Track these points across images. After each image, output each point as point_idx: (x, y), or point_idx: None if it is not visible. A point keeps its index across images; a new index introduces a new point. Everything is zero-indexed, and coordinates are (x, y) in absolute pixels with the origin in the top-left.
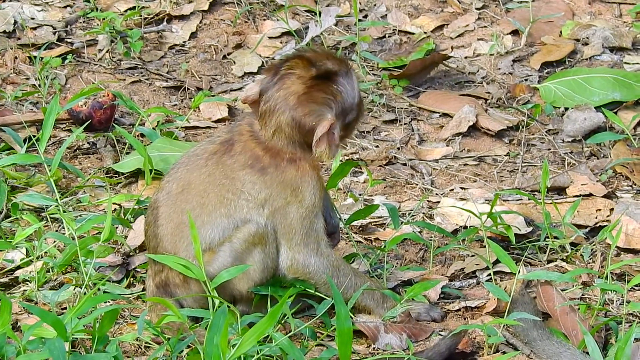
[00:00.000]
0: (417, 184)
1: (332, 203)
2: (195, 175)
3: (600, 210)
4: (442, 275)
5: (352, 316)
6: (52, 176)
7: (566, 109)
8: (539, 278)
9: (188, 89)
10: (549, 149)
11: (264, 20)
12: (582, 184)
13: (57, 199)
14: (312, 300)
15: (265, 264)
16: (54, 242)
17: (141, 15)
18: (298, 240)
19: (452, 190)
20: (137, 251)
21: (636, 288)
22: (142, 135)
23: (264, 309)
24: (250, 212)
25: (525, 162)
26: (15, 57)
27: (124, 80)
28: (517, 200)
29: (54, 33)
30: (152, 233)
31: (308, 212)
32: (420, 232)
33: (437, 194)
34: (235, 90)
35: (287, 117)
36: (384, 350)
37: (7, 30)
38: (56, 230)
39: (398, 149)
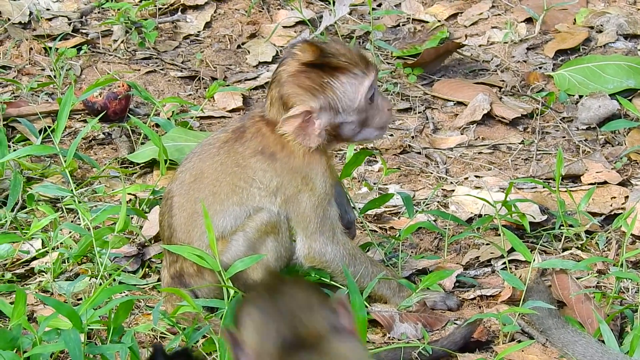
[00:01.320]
0: (431, 173)
1: (347, 197)
2: (208, 165)
3: (615, 197)
4: (457, 264)
5: (367, 305)
6: (68, 167)
7: (580, 96)
8: (554, 266)
9: (203, 78)
10: (564, 137)
11: (278, 9)
12: (596, 172)
13: (72, 190)
14: (327, 289)
15: (279, 252)
16: (70, 232)
17: (156, 6)
18: (313, 228)
19: (466, 178)
20: (152, 241)
21: None
22: (157, 125)
23: None
24: (262, 200)
25: (539, 150)
26: (31, 48)
27: (139, 70)
28: (532, 188)
29: (69, 24)
30: (166, 223)
31: (320, 200)
32: (434, 220)
33: (451, 183)
34: (249, 79)
35: (275, 92)
36: (399, 340)
37: (23, 22)
38: (72, 221)
39: (412, 137)
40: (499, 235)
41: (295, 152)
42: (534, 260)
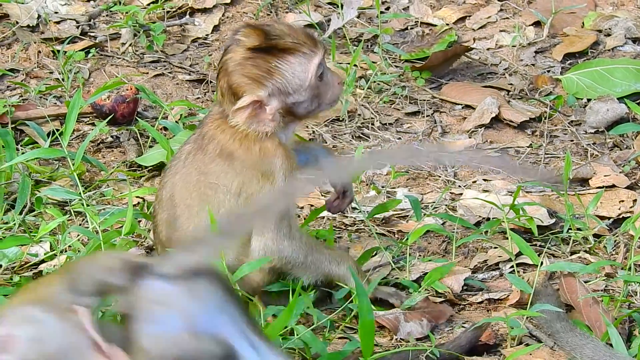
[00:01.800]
0: (439, 176)
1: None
2: (178, 178)
3: (623, 201)
4: (465, 267)
5: (373, 307)
6: (76, 170)
7: (589, 100)
8: (562, 270)
9: (211, 82)
10: (572, 141)
11: (287, 12)
12: (605, 175)
13: (80, 193)
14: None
15: None
16: (78, 236)
17: (164, 9)
18: (271, 226)
19: (474, 182)
20: None
21: None
22: (165, 128)
23: (284, 300)
24: (229, 204)
25: (547, 154)
26: (39, 51)
27: (147, 73)
28: (540, 191)
29: (77, 27)
30: (157, 239)
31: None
32: (442, 224)
33: (459, 186)
34: None
35: (224, 83)
36: (407, 342)
37: (31, 25)
38: (80, 224)
39: (420, 141)
40: (507, 238)
41: (251, 148)
42: (542, 263)
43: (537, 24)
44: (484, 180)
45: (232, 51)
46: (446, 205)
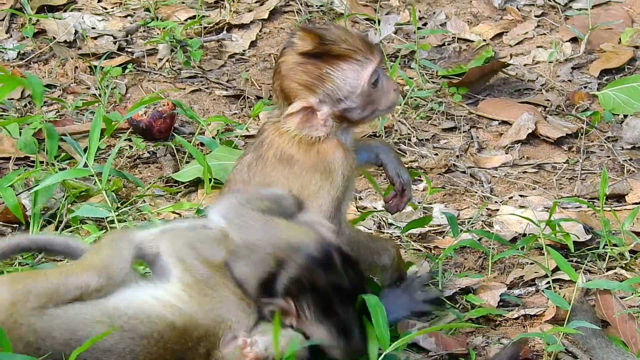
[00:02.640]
0: (476, 192)
1: (398, 158)
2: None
3: None
4: (501, 282)
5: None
6: (107, 187)
7: (625, 116)
8: (598, 286)
9: (248, 97)
10: (608, 157)
11: None
12: None
13: (113, 210)
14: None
15: None
16: None
17: (201, 24)
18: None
19: (511, 198)
20: None
21: None
22: (202, 144)
23: None
24: None
25: (584, 170)
26: (76, 67)
27: (184, 89)
28: (576, 207)
29: (115, 42)
30: None
31: (339, 193)
32: (479, 239)
33: (496, 202)
34: None
35: (277, 86)
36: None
37: (68, 40)
38: None
39: (457, 156)
40: (543, 254)
41: (309, 151)
42: (579, 279)
43: (574, 40)
44: (520, 196)
45: (286, 54)
46: (482, 221)
